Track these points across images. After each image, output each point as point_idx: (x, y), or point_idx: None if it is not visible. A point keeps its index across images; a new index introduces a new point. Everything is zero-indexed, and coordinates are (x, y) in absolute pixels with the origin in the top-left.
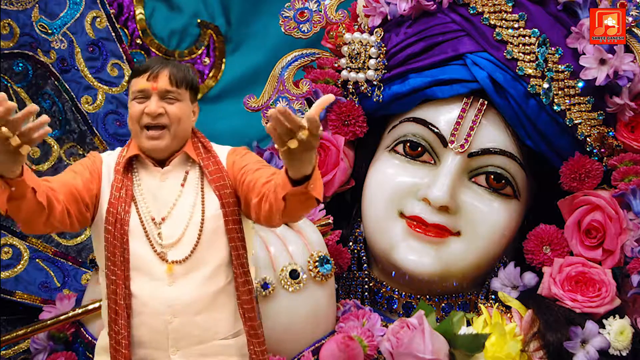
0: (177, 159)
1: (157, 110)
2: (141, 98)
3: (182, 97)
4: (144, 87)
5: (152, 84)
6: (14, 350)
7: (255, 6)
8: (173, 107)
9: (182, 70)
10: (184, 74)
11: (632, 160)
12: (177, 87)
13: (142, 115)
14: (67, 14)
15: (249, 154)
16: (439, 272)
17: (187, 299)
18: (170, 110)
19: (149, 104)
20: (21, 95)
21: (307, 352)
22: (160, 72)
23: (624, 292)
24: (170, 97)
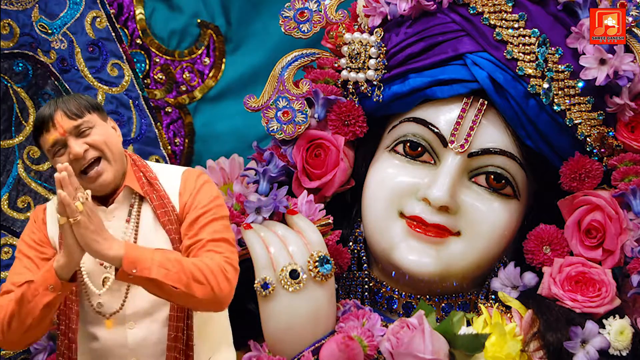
0: (121, 195)
1: (81, 150)
2: (59, 151)
3: (92, 123)
4: (54, 140)
5: (58, 131)
6: (14, 350)
7: (255, 6)
8: (92, 136)
9: (73, 100)
10: (77, 102)
11: (632, 160)
12: (81, 117)
13: (71, 164)
14: (67, 14)
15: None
16: (439, 272)
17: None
18: (91, 140)
19: (70, 150)
20: (21, 95)
21: (307, 352)
22: (55, 116)
23: (624, 292)
24: (83, 130)
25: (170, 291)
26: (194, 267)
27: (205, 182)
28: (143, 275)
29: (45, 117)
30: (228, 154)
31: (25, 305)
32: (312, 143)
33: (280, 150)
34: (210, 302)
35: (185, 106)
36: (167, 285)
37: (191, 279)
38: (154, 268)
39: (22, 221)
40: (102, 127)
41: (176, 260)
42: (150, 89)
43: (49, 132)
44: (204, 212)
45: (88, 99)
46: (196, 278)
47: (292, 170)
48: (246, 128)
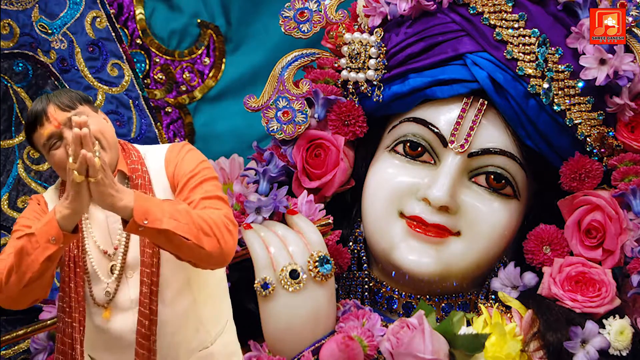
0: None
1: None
2: (55, 144)
3: (85, 114)
4: (49, 133)
5: (50, 124)
6: (14, 350)
7: (255, 6)
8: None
9: (64, 93)
10: (67, 95)
11: (632, 160)
12: (74, 109)
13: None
14: (67, 14)
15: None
16: (439, 272)
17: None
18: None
19: (67, 141)
20: (21, 95)
21: (307, 352)
22: (48, 110)
23: (624, 292)
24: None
25: (180, 243)
26: (201, 219)
27: (190, 150)
28: (154, 227)
29: (38, 112)
30: (228, 154)
31: (25, 258)
32: (312, 143)
33: (280, 150)
34: (216, 256)
35: (185, 106)
36: (178, 236)
37: (200, 230)
38: (164, 219)
39: None
40: (94, 117)
41: (185, 211)
42: (150, 89)
43: (43, 126)
44: (192, 175)
45: (78, 92)
46: (204, 230)
47: (292, 170)
48: (246, 128)
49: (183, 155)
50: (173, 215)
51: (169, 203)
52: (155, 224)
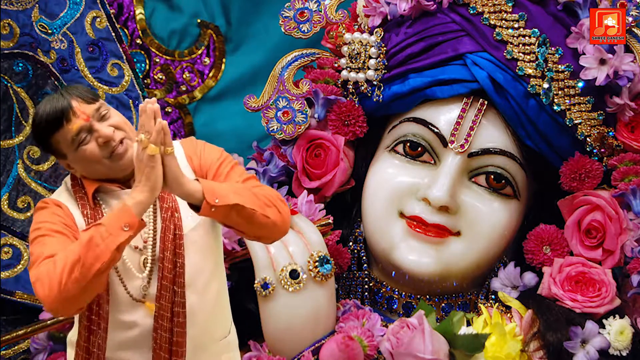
0: None
1: (110, 131)
2: (85, 138)
3: (107, 106)
4: (79, 127)
5: (78, 118)
6: (14, 350)
7: (255, 6)
8: (112, 118)
9: (79, 88)
10: (85, 89)
11: (632, 160)
12: (97, 101)
13: (101, 149)
14: (67, 14)
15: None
16: (439, 272)
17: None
18: (114, 122)
19: (99, 133)
20: (21, 95)
21: (307, 352)
22: (73, 104)
23: (624, 292)
24: (102, 113)
25: (250, 215)
26: (260, 193)
27: (205, 142)
28: (226, 203)
29: (63, 108)
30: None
31: (94, 249)
32: (312, 143)
33: (280, 150)
34: (280, 225)
35: (185, 106)
36: (247, 209)
37: (262, 202)
38: (231, 195)
39: (22, 221)
40: (113, 109)
41: (243, 187)
42: (150, 89)
43: (71, 121)
44: (221, 162)
45: (88, 88)
46: (265, 202)
47: (292, 170)
48: (246, 128)
49: (202, 146)
50: (237, 192)
51: (226, 184)
52: (226, 200)
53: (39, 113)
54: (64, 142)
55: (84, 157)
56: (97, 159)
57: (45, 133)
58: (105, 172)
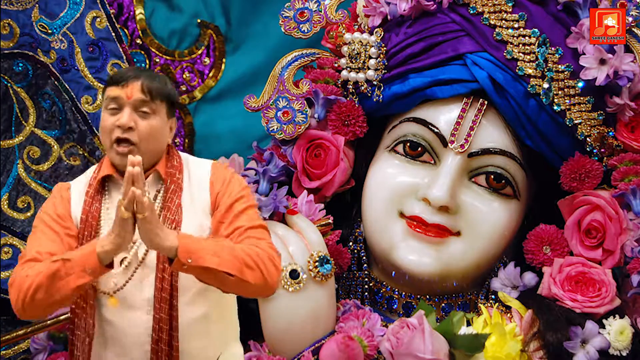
0: (150, 179)
1: (129, 122)
2: (114, 109)
3: (157, 110)
4: (116, 95)
5: (125, 91)
6: (14, 350)
7: (255, 6)
8: (145, 123)
9: (158, 81)
10: (159, 85)
11: (632, 160)
12: (152, 99)
13: (114, 128)
14: (67, 14)
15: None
16: (439, 272)
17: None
18: (141, 125)
19: (121, 116)
20: (21, 95)
21: (307, 352)
22: (134, 80)
23: (624, 292)
24: (144, 110)
25: (223, 278)
26: (244, 253)
27: (234, 173)
28: (198, 265)
29: (128, 75)
30: (228, 154)
31: (57, 282)
32: (312, 143)
33: (280, 150)
34: (262, 288)
35: (185, 106)
36: (221, 272)
37: (243, 264)
38: (207, 257)
39: (22, 221)
40: (160, 120)
41: (228, 247)
42: None
43: (119, 87)
44: (238, 198)
45: (171, 89)
46: (248, 264)
47: (292, 170)
48: (246, 128)
49: (229, 176)
50: (216, 253)
51: (212, 240)
52: (200, 261)
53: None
54: (104, 98)
55: (102, 124)
56: (106, 132)
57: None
58: (108, 152)
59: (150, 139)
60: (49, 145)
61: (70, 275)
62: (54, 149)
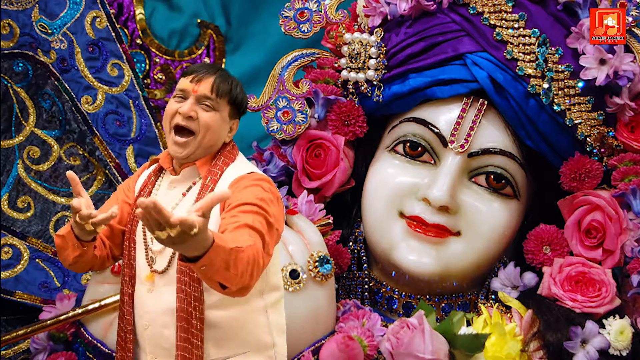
0: (188, 170)
1: (189, 112)
2: (180, 98)
3: (219, 108)
4: (184, 87)
5: (193, 86)
6: (14, 350)
7: (255, 6)
8: (206, 115)
9: (229, 83)
10: (229, 87)
11: (632, 160)
12: (217, 97)
13: (175, 114)
14: (67, 14)
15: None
16: (439, 272)
17: (158, 310)
18: (202, 116)
19: (184, 105)
20: (21, 95)
21: (307, 352)
22: (206, 77)
23: (624, 292)
24: (207, 104)
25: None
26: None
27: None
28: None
29: (200, 71)
30: None
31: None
32: (312, 143)
33: (280, 150)
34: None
35: None
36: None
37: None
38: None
39: (22, 221)
40: (221, 117)
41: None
42: (150, 89)
43: (191, 80)
44: (241, 203)
45: (239, 93)
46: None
47: (292, 170)
48: (246, 128)
49: (250, 184)
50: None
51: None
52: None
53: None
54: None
55: (166, 108)
56: (167, 116)
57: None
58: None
59: (209, 131)
60: (49, 145)
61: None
62: (54, 149)
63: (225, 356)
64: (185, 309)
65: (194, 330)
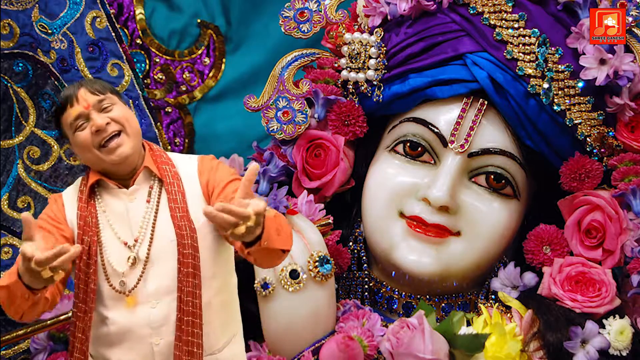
0: (141, 176)
1: (103, 122)
2: (82, 125)
3: (114, 101)
4: (77, 113)
5: (82, 104)
6: (14, 350)
7: (255, 6)
8: (113, 112)
9: (96, 82)
10: (100, 84)
11: (632, 160)
12: (103, 94)
13: (92, 137)
14: (67, 14)
15: (220, 170)
16: (439, 272)
17: (170, 319)
18: (113, 115)
19: (93, 122)
20: (21, 95)
21: (307, 352)
22: (78, 92)
23: (624, 292)
24: (105, 105)
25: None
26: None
27: (220, 162)
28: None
29: (70, 94)
30: (228, 154)
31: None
32: (312, 143)
33: (280, 150)
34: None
35: (185, 106)
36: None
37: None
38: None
39: (21, 221)
40: (122, 105)
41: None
42: (150, 89)
43: (73, 106)
44: (231, 180)
45: (107, 83)
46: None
47: (292, 170)
48: (246, 128)
49: (216, 165)
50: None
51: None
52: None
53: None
54: (66, 125)
55: (78, 143)
56: (88, 146)
57: (55, 115)
58: (99, 164)
59: (130, 122)
60: (49, 145)
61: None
62: (54, 149)
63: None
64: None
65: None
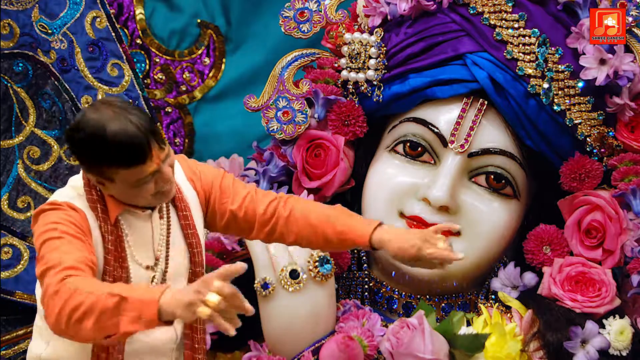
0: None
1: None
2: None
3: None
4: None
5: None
6: (14, 350)
7: (255, 6)
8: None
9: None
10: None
11: (632, 160)
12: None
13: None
14: (67, 14)
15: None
16: (439, 272)
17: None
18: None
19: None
20: (21, 95)
21: (307, 352)
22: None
23: (624, 292)
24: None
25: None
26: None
27: (196, 161)
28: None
29: (142, 147)
30: (228, 154)
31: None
32: (312, 143)
33: (280, 150)
34: None
35: (185, 106)
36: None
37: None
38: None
39: (22, 221)
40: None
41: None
42: (150, 89)
43: (146, 164)
44: (222, 178)
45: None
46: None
47: (292, 170)
48: (246, 128)
49: (199, 167)
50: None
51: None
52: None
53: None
54: (125, 176)
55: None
56: (145, 196)
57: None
58: (135, 201)
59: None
60: (49, 145)
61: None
62: (54, 149)
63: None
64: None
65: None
